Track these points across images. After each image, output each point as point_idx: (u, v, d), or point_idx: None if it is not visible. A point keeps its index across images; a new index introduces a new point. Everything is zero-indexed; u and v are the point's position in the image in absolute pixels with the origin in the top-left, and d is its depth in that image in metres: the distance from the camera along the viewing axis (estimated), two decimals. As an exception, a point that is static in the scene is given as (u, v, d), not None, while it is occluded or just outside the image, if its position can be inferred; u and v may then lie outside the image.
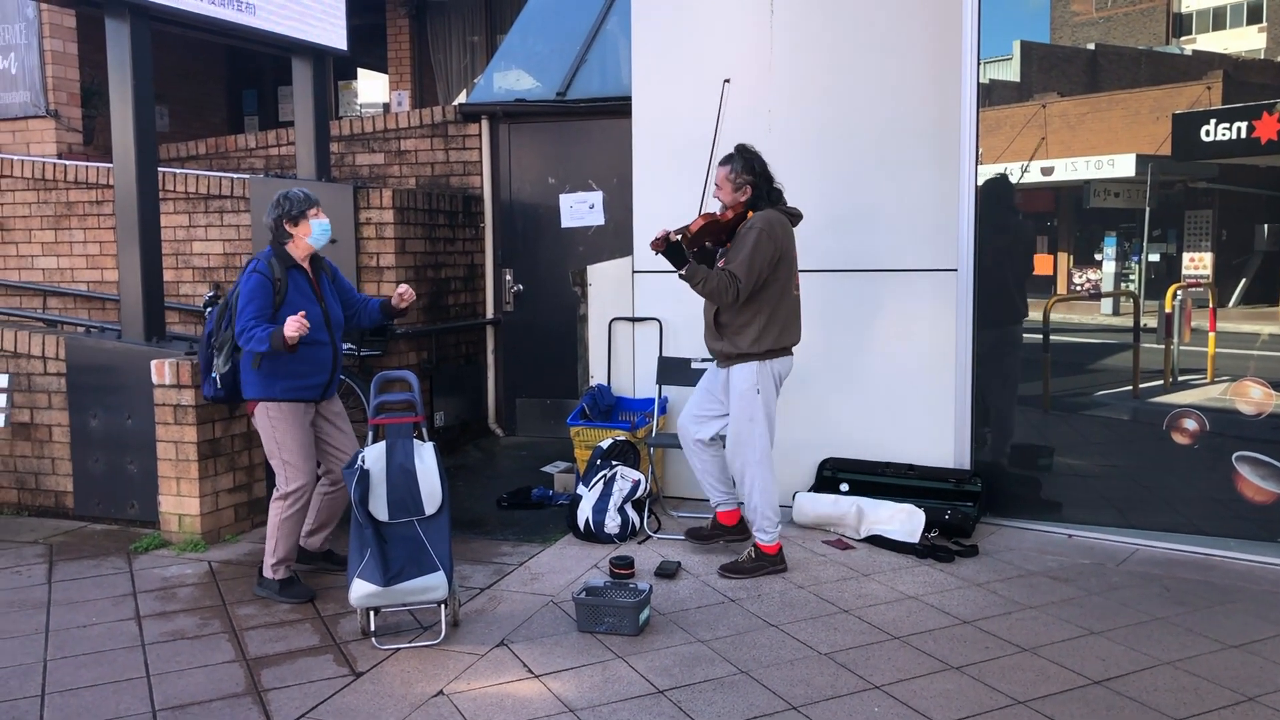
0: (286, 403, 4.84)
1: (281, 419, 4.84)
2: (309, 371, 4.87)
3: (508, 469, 7.56)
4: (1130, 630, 4.40)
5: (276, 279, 4.78)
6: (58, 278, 8.57)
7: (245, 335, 4.70)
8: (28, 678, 4.11)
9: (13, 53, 8.93)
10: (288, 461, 4.87)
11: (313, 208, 4.87)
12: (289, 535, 4.94)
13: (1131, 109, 10.97)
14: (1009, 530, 5.80)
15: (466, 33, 13.14)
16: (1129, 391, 7.49)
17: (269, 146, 9.05)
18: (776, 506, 5.21)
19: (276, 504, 4.92)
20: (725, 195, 5.14)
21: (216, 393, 4.94)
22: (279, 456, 4.88)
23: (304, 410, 4.90)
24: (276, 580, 4.94)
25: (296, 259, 4.90)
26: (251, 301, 4.72)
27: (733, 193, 5.14)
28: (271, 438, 4.87)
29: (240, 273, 4.93)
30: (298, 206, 4.84)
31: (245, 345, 4.72)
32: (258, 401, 4.86)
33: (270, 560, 4.95)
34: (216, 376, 4.90)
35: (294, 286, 4.84)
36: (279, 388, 4.82)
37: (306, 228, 4.85)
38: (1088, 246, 11.54)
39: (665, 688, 3.91)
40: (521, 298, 8.49)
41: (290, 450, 4.86)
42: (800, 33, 6.10)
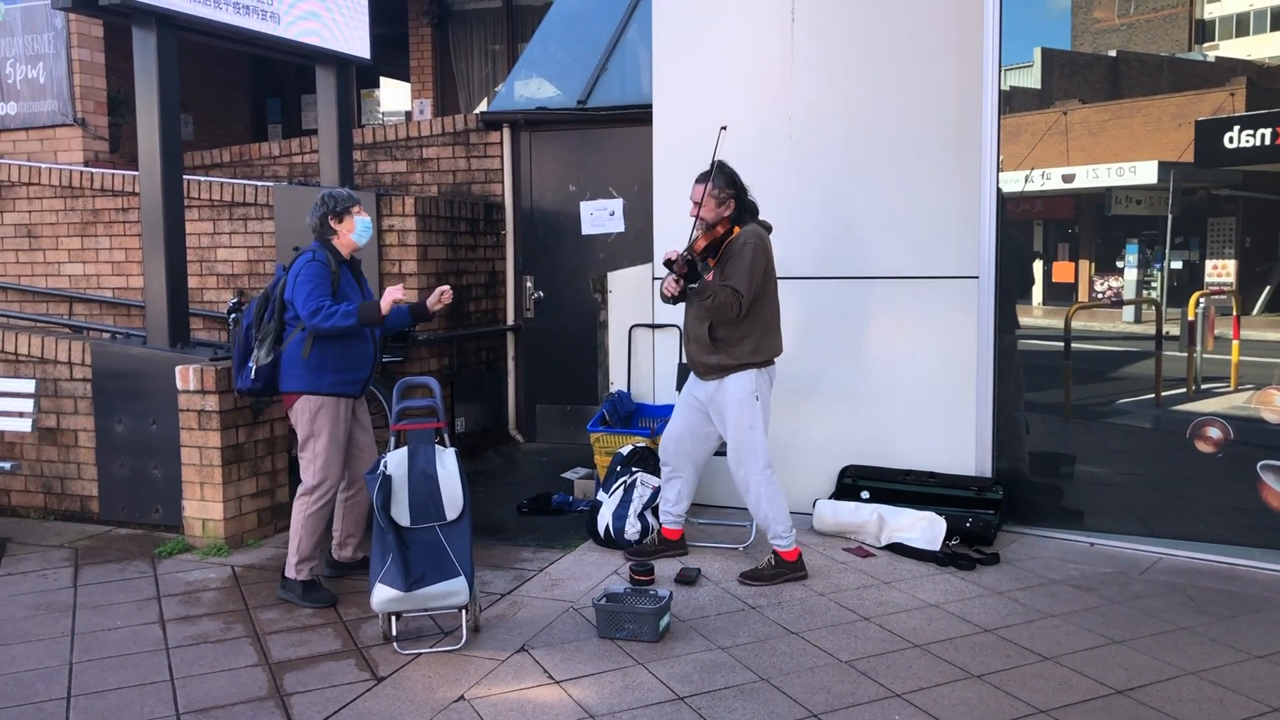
0: (330, 397, 4.90)
1: (323, 413, 4.89)
2: (354, 366, 4.95)
3: (528, 475, 7.58)
4: (1153, 640, 4.38)
5: (333, 270, 4.87)
6: (84, 284, 8.66)
7: (323, 313, 4.74)
8: (54, 680, 4.15)
9: (41, 62, 9.03)
10: (320, 455, 4.91)
11: (356, 205, 4.98)
12: (312, 533, 4.97)
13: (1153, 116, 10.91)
14: (1030, 538, 5.77)
15: (488, 41, 13.21)
16: (1151, 399, 7.46)
17: (292, 154, 9.12)
18: (787, 510, 5.22)
19: (301, 500, 4.96)
20: (709, 213, 5.16)
21: (252, 385, 4.97)
22: (312, 449, 4.92)
23: (344, 406, 4.96)
24: (299, 582, 4.97)
25: (343, 255, 4.98)
26: (318, 284, 4.79)
27: (716, 208, 5.17)
28: (309, 431, 4.91)
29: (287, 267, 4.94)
30: (342, 204, 4.94)
31: (326, 322, 4.74)
32: (299, 395, 4.90)
33: (293, 559, 4.97)
34: (254, 368, 4.91)
35: (345, 280, 4.94)
36: (326, 381, 4.88)
37: (350, 224, 4.95)
38: (1109, 254, 11.45)
39: (685, 694, 3.92)
40: (542, 304, 8.52)
41: (325, 444, 4.91)
42: (821, 41, 6.11)
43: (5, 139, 9.25)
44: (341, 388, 4.93)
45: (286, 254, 7.35)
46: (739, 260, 5.06)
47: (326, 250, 4.93)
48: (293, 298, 4.84)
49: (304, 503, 4.96)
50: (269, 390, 5.00)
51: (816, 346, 6.17)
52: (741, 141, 6.27)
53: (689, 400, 5.41)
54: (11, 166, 8.81)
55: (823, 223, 6.15)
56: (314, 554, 5.02)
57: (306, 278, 4.81)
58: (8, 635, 4.62)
